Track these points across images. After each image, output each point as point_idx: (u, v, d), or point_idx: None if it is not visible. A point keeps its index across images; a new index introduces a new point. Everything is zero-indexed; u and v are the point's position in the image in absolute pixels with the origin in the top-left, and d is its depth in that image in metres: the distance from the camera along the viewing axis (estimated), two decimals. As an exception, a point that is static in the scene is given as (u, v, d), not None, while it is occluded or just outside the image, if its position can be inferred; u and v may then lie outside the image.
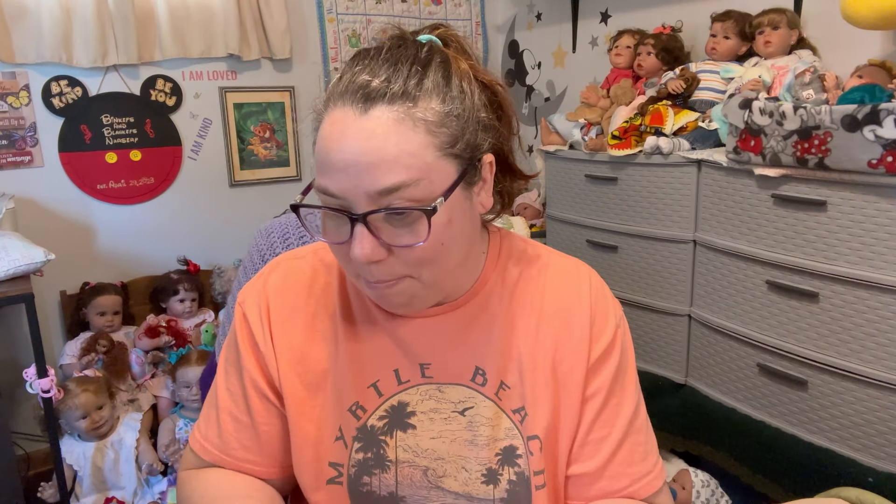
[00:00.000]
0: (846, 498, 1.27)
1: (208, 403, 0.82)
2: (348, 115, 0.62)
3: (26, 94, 2.30)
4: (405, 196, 0.61)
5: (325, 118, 0.65)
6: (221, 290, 2.60)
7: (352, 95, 0.62)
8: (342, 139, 0.62)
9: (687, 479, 1.82)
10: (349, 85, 0.63)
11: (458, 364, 0.76)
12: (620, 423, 0.75)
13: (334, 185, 0.63)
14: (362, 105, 0.62)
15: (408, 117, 0.61)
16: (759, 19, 1.91)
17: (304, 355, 0.76)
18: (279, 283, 0.80)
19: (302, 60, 2.82)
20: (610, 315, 0.77)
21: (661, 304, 1.99)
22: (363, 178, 0.61)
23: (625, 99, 2.19)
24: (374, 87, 0.62)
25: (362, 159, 0.61)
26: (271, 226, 1.20)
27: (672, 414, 1.96)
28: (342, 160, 0.61)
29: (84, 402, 1.98)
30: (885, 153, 1.33)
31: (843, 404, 1.52)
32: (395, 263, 0.65)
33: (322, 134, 0.64)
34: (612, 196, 2.08)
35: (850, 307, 1.48)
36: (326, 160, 0.63)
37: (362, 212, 0.62)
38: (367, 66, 0.64)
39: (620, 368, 0.76)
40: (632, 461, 0.75)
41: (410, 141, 0.61)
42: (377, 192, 0.61)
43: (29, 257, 1.79)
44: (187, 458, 0.82)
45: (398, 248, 0.64)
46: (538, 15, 3.02)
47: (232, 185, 2.75)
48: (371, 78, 0.63)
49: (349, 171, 0.61)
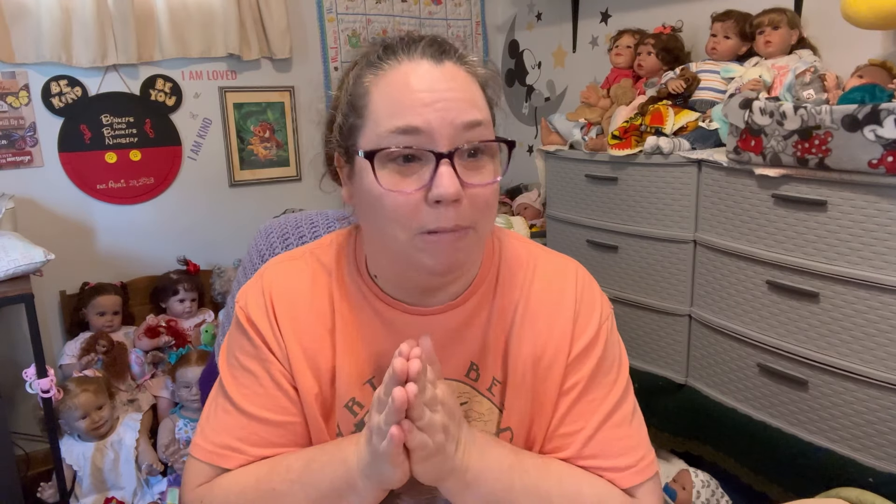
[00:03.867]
0: (846, 498, 1.27)
1: (217, 411, 0.78)
2: (423, 65, 0.68)
3: (26, 94, 2.30)
4: (479, 136, 0.68)
5: (390, 73, 0.69)
6: (221, 290, 2.60)
7: (421, 52, 0.69)
8: (425, 80, 0.67)
9: (687, 480, 1.82)
10: (410, 46, 0.70)
11: (454, 360, 0.78)
12: (596, 417, 0.75)
13: (421, 120, 0.65)
14: (436, 59, 0.69)
15: (470, 72, 0.71)
16: (759, 19, 1.91)
17: (313, 352, 0.77)
18: (280, 283, 0.80)
19: (302, 60, 2.82)
20: (595, 312, 0.79)
21: (661, 304, 1.99)
22: (451, 111, 0.66)
23: (625, 99, 2.18)
24: (444, 45, 0.70)
25: (450, 95, 0.67)
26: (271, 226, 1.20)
27: (672, 414, 1.96)
28: (429, 96, 0.66)
29: (84, 402, 1.98)
30: (886, 153, 1.33)
31: (844, 404, 1.52)
32: (466, 207, 0.67)
33: (392, 84, 0.68)
34: (612, 196, 2.08)
35: (850, 307, 1.48)
36: (410, 99, 0.66)
37: (447, 150, 0.65)
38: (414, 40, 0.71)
39: (602, 365, 0.77)
40: (606, 455, 0.75)
41: (476, 91, 0.70)
42: (464, 124, 0.66)
43: (29, 257, 1.78)
44: (197, 473, 0.77)
45: (475, 186, 0.67)
46: (538, 15, 3.02)
47: (232, 185, 2.75)
48: (428, 43, 0.70)
49: (437, 105, 0.66)
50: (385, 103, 0.67)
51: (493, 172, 0.69)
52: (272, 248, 1.14)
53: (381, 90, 0.68)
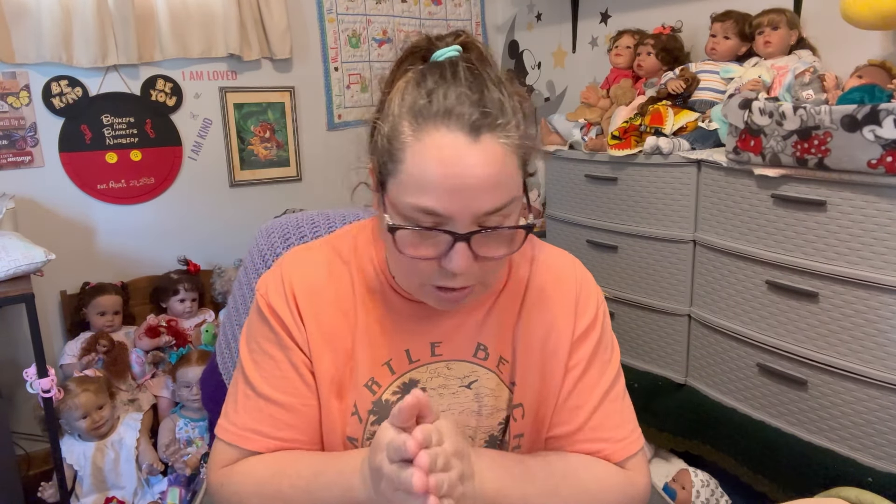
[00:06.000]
0: (846, 498, 1.27)
1: (238, 395, 0.81)
2: (459, 141, 0.64)
3: (26, 94, 2.30)
4: (504, 213, 0.68)
5: (423, 140, 0.65)
6: (221, 290, 2.60)
7: (457, 121, 0.64)
8: (457, 164, 0.64)
9: (687, 479, 1.82)
10: (447, 109, 0.65)
11: (463, 342, 0.83)
12: (597, 392, 0.82)
13: (442, 205, 0.65)
14: (471, 133, 0.64)
15: (509, 144, 0.66)
16: (758, 19, 1.91)
17: (332, 335, 0.80)
18: (299, 270, 0.82)
19: (302, 60, 2.82)
20: (592, 297, 0.86)
21: (660, 304, 1.99)
22: (474, 201, 0.65)
23: (625, 99, 2.19)
24: (479, 117, 0.64)
25: (478, 184, 0.64)
26: (272, 226, 1.20)
27: (672, 414, 1.97)
28: (454, 184, 0.64)
29: (84, 402, 1.98)
30: (885, 153, 1.34)
31: (843, 404, 1.52)
32: (476, 271, 0.70)
33: (423, 156, 0.65)
34: (612, 196, 2.08)
35: (850, 307, 1.48)
36: (434, 184, 0.64)
37: (465, 231, 0.66)
38: (454, 87, 0.66)
39: (600, 345, 0.84)
40: (606, 427, 0.82)
41: (511, 165, 0.67)
42: (487, 211, 0.66)
43: (29, 257, 1.79)
44: (222, 454, 0.80)
45: (488, 259, 0.69)
46: (538, 15, 3.02)
47: (232, 185, 2.75)
48: (469, 104, 0.65)
49: (463, 194, 0.64)
50: (415, 173, 0.65)
51: (516, 243, 0.71)
52: (273, 248, 1.14)
53: (414, 155, 0.66)
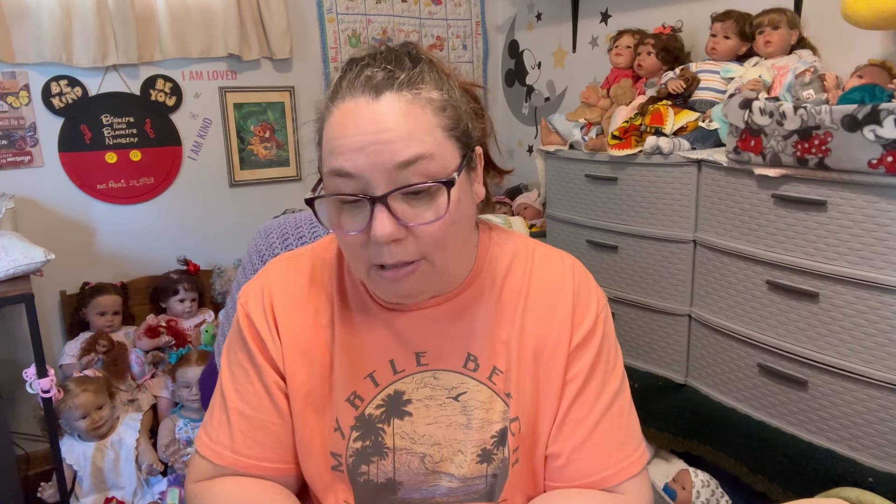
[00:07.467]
0: (846, 498, 1.27)
1: (216, 407, 0.81)
2: (359, 104, 0.66)
3: (26, 94, 2.30)
4: (421, 171, 0.65)
5: (334, 112, 0.68)
6: (221, 290, 2.60)
7: (361, 87, 0.66)
8: (357, 122, 0.65)
9: (687, 479, 1.82)
10: (355, 80, 0.67)
11: (451, 351, 0.78)
12: (599, 406, 0.77)
13: (351, 164, 0.65)
14: (372, 94, 0.66)
15: (416, 100, 0.66)
16: (759, 19, 1.91)
17: (309, 347, 0.78)
18: (280, 281, 0.81)
19: (302, 60, 2.82)
20: (592, 303, 0.80)
21: (661, 303, 1.99)
22: (381, 154, 0.64)
23: (625, 99, 2.18)
24: (381, 78, 0.66)
25: (380, 137, 0.64)
26: (270, 226, 1.20)
27: (672, 414, 1.96)
28: (359, 141, 0.64)
29: (84, 402, 1.98)
30: (886, 153, 1.33)
31: (843, 404, 1.52)
32: (412, 244, 0.67)
33: (332, 124, 0.67)
34: (612, 196, 2.08)
35: (850, 307, 1.48)
36: (342, 144, 0.66)
37: (382, 193, 0.65)
38: (368, 65, 0.68)
39: (600, 355, 0.78)
40: (607, 446, 0.77)
41: (420, 120, 0.66)
42: (396, 165, 0.64)
43: (29, 257, 1.79)
44: (197, 467, 0.80)
45: (417, 226, 0.66)
46: (538, 15, 3.02)
47: (232, 185, 2.75)
48: (376, 70, 0.67)
49: (367, 150, 0.64)
50: (327, 141, 0.68)
51: (441, 207, 0.66)
52: (272, 248, 1.14)
53: (328, 126, 0.68)
